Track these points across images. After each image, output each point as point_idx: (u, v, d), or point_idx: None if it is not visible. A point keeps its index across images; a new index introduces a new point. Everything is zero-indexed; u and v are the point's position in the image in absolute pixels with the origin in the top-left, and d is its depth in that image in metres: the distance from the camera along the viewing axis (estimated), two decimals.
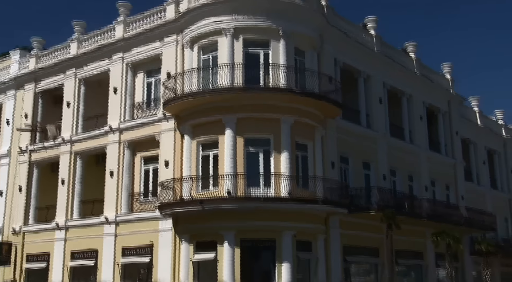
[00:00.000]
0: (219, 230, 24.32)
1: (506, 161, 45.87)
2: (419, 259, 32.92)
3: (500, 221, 41.56)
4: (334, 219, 27.01)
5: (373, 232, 28.32)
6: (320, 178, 25.87)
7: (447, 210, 33.86)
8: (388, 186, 30.87)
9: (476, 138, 42.22)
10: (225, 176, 24.26)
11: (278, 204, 24.29)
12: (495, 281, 37.12)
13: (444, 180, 37.15)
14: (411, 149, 34.32)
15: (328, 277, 26.21)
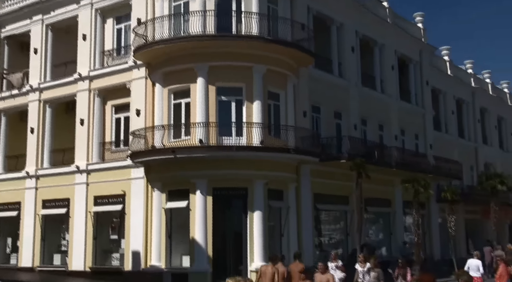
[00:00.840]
0: (191, 178, 24.43)
1: (474, 110, 46.59)
2: (387, 206, 33.72)
3: (466, 169, 42.57)
4: (305, 168, 27.33)
5: (344, 180, 28.78)
6: (292, 127, 25.99)
7: (416, 159, 34.53)
8: (359, 135, 31.23)
9: (446, 88, 42.65)
10: (197, 124, 24.20)
11: (250, 152, 24.42)
12: (459, 227, 38.27)
13: (414, 129, 37.71)
14: (382, 98, 34.58)
15: (299, 224, 26.71)
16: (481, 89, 48.07)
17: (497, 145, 49.69)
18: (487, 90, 49.79)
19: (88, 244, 27.50)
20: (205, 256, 23.91)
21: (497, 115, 50.43)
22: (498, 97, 51.09)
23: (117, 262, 27.20)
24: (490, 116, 49.24)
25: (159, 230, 25.17)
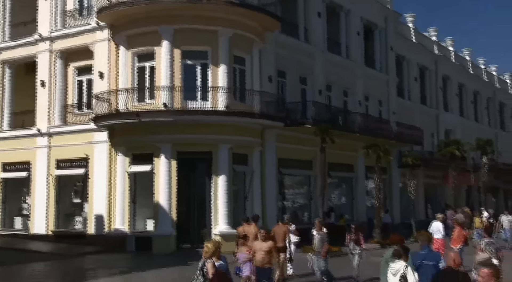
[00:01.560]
0: (155, 142, 24.31)
1: (437, 77, 47.22)
2: (350, 171, 34.25)
3: (427, 135, 43.34)
4: (270, 133, 27.45)
5: (308, 146, 29.03)
6: (257, 92, 25.97)
7: (379, 125, 34.98)
8: (324, 101, 31.41)
9: (410, 55, 43.04)
10: (162, 88, 23.96)
11: (215, 117, 24.36)
12: (419, 191, 39.21)
13: (377, 96, 38.10)
14: (347, 64, 34.74)
15: (263, 188, 26.95)
16: (444, 57, 48.68)
17: (457, 112, 50.65)
18: (450, 58, 50.45)
19: (50, 207, 27.26)
20: (169, 220, 24.00)
21: (458, 83, 51.24)
22: (460, 65, 51.85)
23: (80, 226, 27.10)
24: (452, 84, 50.02)
25: (123, 194, 25.08)
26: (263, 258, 12.61)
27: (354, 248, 16.85)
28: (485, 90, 57.11)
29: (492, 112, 58.28)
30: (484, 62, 59.37)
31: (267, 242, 12.89)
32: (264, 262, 12.63)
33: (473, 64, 55.97)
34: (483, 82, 56.89)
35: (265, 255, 12.63)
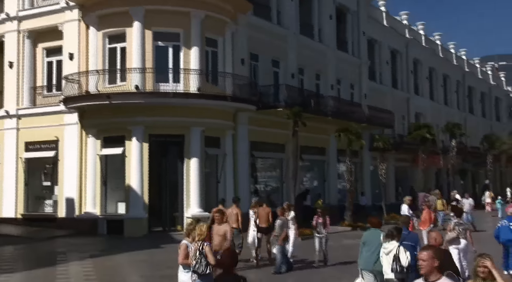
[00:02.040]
0: (127, 125, 24.09)
1: (408, 61, 47.59)
2: (322, 154, 34.48)
3: (398, 118, 43.83)
4: (242, 116, 27.42)
5: (280, 129, 29.08)
6: (230, 74, 25.87)
7: (351, 108, 35.21)
8: (296, 84, 31.44)
9: (381, 38, 43.26)
10: (133, 70, 23.71)
11: (187, 99, 24.22)
12: (389, 174, 39.69)
13: (349, 79, 38.30)
14: (319, 47, 34.77)
15: (235, 172, 26.99)
16: (415, 41, 49.04)
17: (428, 96, 51.22)
18: (421, 42, 50.84)
19: (20, 190, 26.90)
20: (141, 203, 23.90)
21: (429, 66, 51.73)
22: (430, 49, 52.31)
23: (50, 209, 26.82)
24: (423, 68, 50.48)
25: (94, 176, 24.86)
26: (220, 242, 11.89)
27: (321, 231, 16.56)
28: (455, 74, 57.82)
29: (461, 96, 59.09)
30: (454, 46, 60.01)
31: (223, 225, 12.24)
32: (222, 246, 11.59)
33: (443, 48, 56.52)
34: (452, 66, 57.55)
35: (221, 239, 11.95)
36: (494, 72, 71.90)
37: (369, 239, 10.94)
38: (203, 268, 9.34)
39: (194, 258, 9.38)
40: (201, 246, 9.42)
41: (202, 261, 9.35)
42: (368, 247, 10.81)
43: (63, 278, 15.02)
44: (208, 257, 9.35)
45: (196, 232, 9.69)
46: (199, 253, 9.36)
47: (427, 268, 6.17)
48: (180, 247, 9.81)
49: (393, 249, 9.85)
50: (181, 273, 9.88)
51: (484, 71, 67.81)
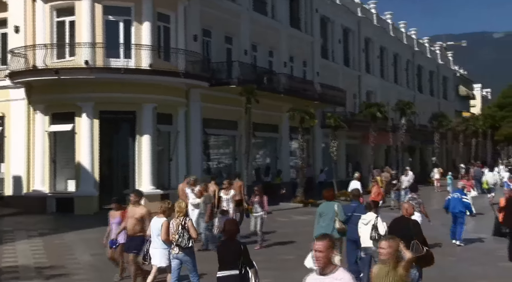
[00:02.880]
0: (76, 101, 23.56)
1: (359, 39, 48.05)
2: (274, 131, 34.64)
3: (349, 96, 44.32)
4: (195, 92, 27.21)
5: (233, 106, 29.01)
6: (182, 51, 25.54)
7: (303, 86, 35.41)
8: (249, 61, 31.34)
9: (334, 16, 43.46)
10: (83, 44, 23.11)
11: (138, 75, 23.83)
12: (340, 151, 40.25)
13: (302, 57, 38.43)
14: (273, 24, 34.69)
15: (188, 149, 26.85)
16: (367, 19, 49.51)
17: (378, 74, 51.95)
18: (372, 21, 51.36)
19: None
20: (91, 180, 23.52)
21: (380, 45, 52.41)
22: (381, 28, 52.94)
23: None
24: (374, 46, 51.09)
25: (42, 153, 24.28)
26: (134, 226, 10.91)
27: (257, 210, 15.96)
28: (405, 53, 58.77)
29: (410, 75, 60.19)
30: (404, 25, 60.89)
31: (139, 207, 11.17)
32: (135, 231, 10.89)
33: (394, 28, 57.26)
34: (403, 45, 58.46)
35: (136, 223, 10.92)
36: (442, 51, 73.47)
37: (324, 211, 11.89)
38: (185, 242, 9.90)
39: (176, 233, 9.91)
40: (183, 221, 10.02)
41: (184, 235, 9.89)
42: (324, 218, 11.80)
43: (10, 257, 14.71)
44: (190, 231, 9.95)
45: (176, 209, 10.30)
46: (181, 228, 9.91)
47: (323, 261, 5.34)
48: (162, 225, 10.16)
49: (372, 220, 10.90)
50: (158, 250, 10.30)
51: (432, 50, 69.20)
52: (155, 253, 10.36)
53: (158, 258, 10.34)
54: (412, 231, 9.38)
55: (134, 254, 10.88)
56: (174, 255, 10.07)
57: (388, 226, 10.28)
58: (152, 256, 10.42)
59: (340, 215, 11.64)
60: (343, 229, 11.62)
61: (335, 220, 11.61)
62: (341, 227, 11.59)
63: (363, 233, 10.99)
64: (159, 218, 10.36)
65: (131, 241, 10.99)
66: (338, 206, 11.87)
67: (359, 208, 11.98)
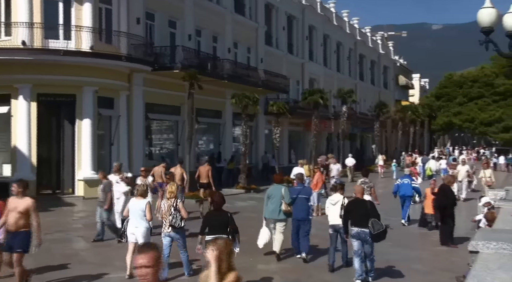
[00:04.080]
0: (13, 82, 22.78)
1: (303, 27, 48.40)
2: (218, 117, 34.56)
3: (292, 84, 44.72)
4: (137, 76, 26.78)
5: (176, 91, 28.74)
6: (125, 34, 25.05)
7: (247, 72, 35.39)
8: (193, 46, 31.05)
9: (278, 3, 43.53)
10: (20, 24, 22.29)
11: (78, 58, 23.21)
12: (283, 138, 40.62)
13: (246, 43, 38.39)
14: (217, 9, 34.45)
15: (130, 133, 26.44)
16: (311, 7, 49.85)
17: (321, 62, 52.51)
18: (316, 9, 51.76)
19: None
20: (28, 165, 22.84)
21: (323, 33, 52.93)
22: (325, 16, 53.43)
23: None
24: (317, 34, 51.55)
25: None
26: (17, 220, 9.46)
27: None
28: (347, 42, 59.62)
29: (352, 64, 61.16)
30: (347, 15, 61.70)
31: (23, 199, 9.56)
32: (19, 226, 9.47)
33: (337, 16, 57.93)
34: (345, 34, 59.26)
35: (20, 217, 9.48)
36: (383, 41, 74.95)
37: (273, 193, 12.62)
38: (179, 222, 10.63)
39: (169, 214, 10.58)
40: (174, 203, 10.71)
41: (177, 216, 10.60)
42: (273, 200, 12.55)
43: None
44: (181, 212, 10.69)
45: (168, 190, 11.06)
46: (173, 209, 10.61)
47: (152, 278, 4.00)
48: (146, 206, 10.67)
49: (340, 200, 11.79)
50: (141, 228, 10.66)
51: (374, 40, 70.46)
52: (138, 231, 10.64)
53: (141, 235, 10.61)
54: (369, 210, 10.67)
55: (19, 253, 9.49)
56: (166, 233, 10.73)
57: (346, 207, 11.24)
58: (134, 234, 10.70)
59: (286, 198, 12.38)
60: (289, 211, 12.44)
61: (281, 202, 12.39)
62: (287, 209, 12.40)
63: (331, 212, 11.80)
64: (140, 200, 10.79)
65: (14, 237, 9.49)
66: (285, 189, 12.64)
67: (303, 190, 13.19)
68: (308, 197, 13.18)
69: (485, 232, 5.44)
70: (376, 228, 10.38)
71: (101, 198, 14.56)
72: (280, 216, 12.48)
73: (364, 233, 10.52)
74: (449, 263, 12.62)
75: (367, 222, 10.46)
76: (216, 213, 9.97)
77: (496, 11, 10.61)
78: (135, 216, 10.74)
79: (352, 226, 10.81)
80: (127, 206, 11.32)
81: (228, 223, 9.77)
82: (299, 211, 12.57)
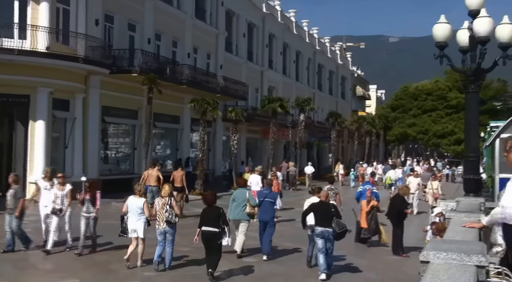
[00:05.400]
0: None
1: (263, 35, 48.64)
2: (176, 123, 34.33)
3: (251, 91, 44.85)
4: (94, 79, 26.39)
5: (134, 94, 28.44)
6: (82, 35, 24.67)
7: (206, 78, 35.32)
8: (152, 50, 30.82)
9: (240, 11, 43.69)
10: None
11: (33, 58, 22.69)
12: (241, 144, 40.64)
13: (206, 49, 38.33)
14: (178, 14, 34.31)
15: (85, 137, 26.01)
16: (271, 16, 50.17)
17: (281, 70, 52.85)
18: (276, 17, 52.11)
19: None
20: None
21: (283, 42, 53.31)
22: (285, 25, 53.83)
23: None
24: (277, 43, 51.90)
25: None
26: None
27: (89, 210, 13.27)
28: (307, 52, 60.21)
29: (311, 73, 61.77)
30: (307, 24, 62.31)
31: None
32: None
33: (297, 25, 58.43)
34: (305, 43, 59.83)
35: None
36: (342, 52, 76.01)
37: (238, 196, 13.64)
38: (174, 218, 11.77)
39: (165, 211, 11.70)
40: (169, 201, 11.87)
41: (172, 213, 11.76)
42: (237, 202, 13.49)
43: None
44: (175, 209, 11.97)
45: (163, 190, 12.36)
46: (169, 206, 11.75)
47: None
48: (144, 204, 12.02)
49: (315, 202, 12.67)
50: (141, 223, 11.94)
51: (333, 50, 71.39)
52: (139, 226, 11.95)
53: (142, 230, 11.97)
54: (333, 212, 11.90)
55: None
56: (161, 230, 11.77)
57: (311, 207, 12.24)
58: (135, 230, 11.96)
59: (251, 200, 13.46)
60: (252, 213, 13.59)
61: (246, 205, 13.39)
62: (250, 211, 13.47)
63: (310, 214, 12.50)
64: (138, 198, 12.11)
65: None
66: (249, 192, 13.89)
67: (270, 194, 14.23)
68: (274, 201, 14.08)
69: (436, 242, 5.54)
70: (340, 227, 11.62)
71: (11, 204, 13.11)
72: (244, 217, 13.43)
73: (327, 232, 11.67)
74: (400, 272, 12.84)
75: (330, 222, 11.65)
76: (210, 209, 11.41)
77: (450, 27, 10.89)
78: (134, 213, 11.96)
79: (316, 225, 11.89)
80: (125, 203, 12.22)
81: (221, 216, 11.23)
82: (265, 213, 13.67)
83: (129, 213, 12.00)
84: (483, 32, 10.22)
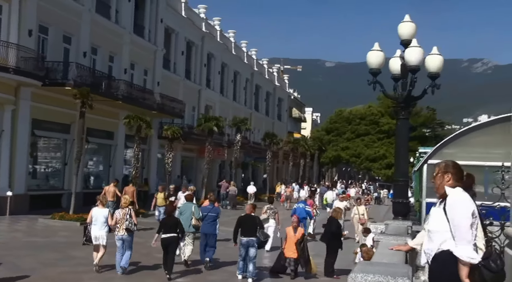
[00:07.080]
0: None
1: (202, 54, 48.69)
2: (110, 138, 33.68)
3: (188, 109, 44.68)
4: (25, 91, 25.59)
5: (67, 108, 27.71)
6: (14, 45, 23.93)
7: (143, 94, 34.93)
8: (88, 64, 30.22)
9: (179, 29, 43.62)
10: None
11: None
12: (176, 162, 40.26)
13: (144, 65, 37.98)
14: (115, 29, 33.89)
15: (13, 150, 25.10)
16: (210, 35, 50.34)
17: (218, 90, 52.95)
18: (216, 37, 52.34)
19: None
20: None
21: (221, 62, 53.53)
22: (224, 45, 54.14)
23: None
24: (216, 62, 52.05)
25: None
26: None
27: None
28: (245, 72, 60.68)
29: (248, 93, 62.21)
30: (246, 45, 62.88)
31: None
32: None
33: (236, 46, 58.87)
34: (243, 64, 60.30)
35: None
36: (279, 74, 77.03)
37: (184, 209, 14.89)
38: (133, 226, 12.94)
39: (125, 220, 12.83)
40: (129, 211, 13.06)
41: (132, 222, 12.88)
42: (185, 215, 14.56)
43: None
44: (133, 218, 13.06)
45: (122, 201, 13.70)
46: (128, 216, 12.91)
47: None
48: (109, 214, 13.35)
49: None
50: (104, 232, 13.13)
51: (270, 72, 72.25)
52: (103, 234, 13.10)
53: (105, 238, 13.12)
54: (257, 224, 13.45)
55: None
56: (120, 237, 12.88)
57: (238, 220, 13.56)
58: (99, 237, 13.07)
59: (196, 214, 14.62)
60: (197, 225, 14.64)
61: (192, 218, 14.52)
62: (196, 223, 14.57)
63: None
64: (102, 209, 13.36)
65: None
66: (195, 206, 15.04)
67: (213, 209, 15.43)
68: (216, 215, 15.26)
69: (364, 264, 5.63)
70: (264, 237, 13.43)
71: None
72: (190, 229, 14.51)
73: (252, 241, 13.20)
74: None
75: (255, 232, 13.20)
76: (169, 218, 13.26)
77: (383, 54, 11.24)
78: (99, 221, 13.11)
79: (242, 236, 13.30)
80: (90, 213, 13.43)
81: (178, 224, 12.99)
82: (208, 226, 14.86)
83: (93, 222, 13.19)
84: (414, 61, 10.58)
